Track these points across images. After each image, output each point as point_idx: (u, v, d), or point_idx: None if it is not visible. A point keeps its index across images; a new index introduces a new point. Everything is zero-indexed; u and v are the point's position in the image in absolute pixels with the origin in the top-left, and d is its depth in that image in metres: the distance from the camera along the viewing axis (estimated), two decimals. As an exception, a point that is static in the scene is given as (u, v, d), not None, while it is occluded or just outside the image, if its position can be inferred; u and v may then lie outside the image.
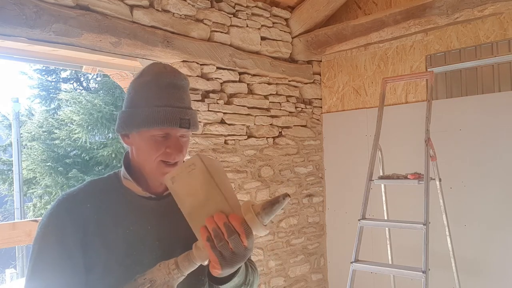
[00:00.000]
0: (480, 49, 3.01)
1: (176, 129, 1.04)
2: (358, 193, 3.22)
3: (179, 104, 1.04)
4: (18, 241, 2.62)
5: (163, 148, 1.04)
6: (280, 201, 0.87)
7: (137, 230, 1.04)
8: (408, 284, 3.13)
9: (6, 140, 11.12)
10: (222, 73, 3.10)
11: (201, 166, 0.89)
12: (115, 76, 3.12)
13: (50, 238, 0.99)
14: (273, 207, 0.88)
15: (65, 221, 1.00)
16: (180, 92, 1.06)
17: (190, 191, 0.90)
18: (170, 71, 1.07)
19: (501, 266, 2.89)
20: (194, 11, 2.88)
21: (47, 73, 10.28)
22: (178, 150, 1.04)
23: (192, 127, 1.06)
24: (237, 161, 3.20)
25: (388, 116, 3.24)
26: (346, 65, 3.76)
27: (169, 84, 1.05)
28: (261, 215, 0.88)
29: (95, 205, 1.04)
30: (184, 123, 1.03)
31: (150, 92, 1.04)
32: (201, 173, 0.89)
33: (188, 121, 1.04)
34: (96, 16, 2.34)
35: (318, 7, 3.47)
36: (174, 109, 1.03)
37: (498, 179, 2.91)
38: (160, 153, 1.04)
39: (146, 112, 1.02)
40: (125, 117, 1.07)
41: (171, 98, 1.04)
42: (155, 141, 1.04)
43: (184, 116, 1.04)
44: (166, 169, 1.04)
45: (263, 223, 0.88)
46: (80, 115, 8.84)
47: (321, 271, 3.89)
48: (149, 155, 1.04)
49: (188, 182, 0.90)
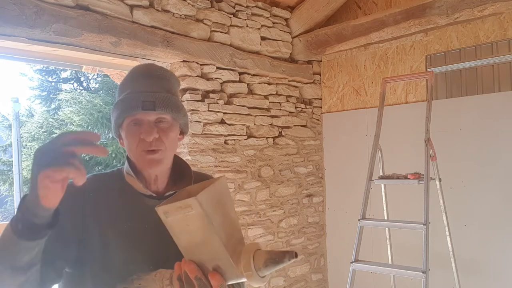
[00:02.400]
0: (480, 49, 3.01)
1: (144, 114, 1.01)
2: (358, 193, 3.22)
3: (145, 89, 1.03)
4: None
5: (138, 135, 1.02)
6: (285, 261, 0.80)
7: (135, 227, 1.03)
8: (408, 284, 3.13)
9: (6, 140, 11.13)
10: (222, 73, 3.10)
11: (199, 210, 0.80)
12: (115, 76, 3.12)
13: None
14: (276, 266, 0.80)
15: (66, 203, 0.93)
16: (151, 80, 1.05)
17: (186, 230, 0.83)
18: (145, 65, 1.08)
19: (501, 266, 2.89)
20: (194, 11, 2.88)
21: (47, 73, 10.29)
22: (148, 133, 1.01)
23: (160, 108, 1.02)
24: (237, 161, 3.20)
25: (388, 116, 3.24)
26: (346, 65, 3.76)
27: (139, 75, 1.06)
28: (261, 271, 0.81)
29: (95, 198, 1.03)
30: (147, 105, 1.00)
31: (123, 87, 1.07)
32: (199, 217, 0.81)
33: (152, 103, 1.01)
34: (96, 16, 2.34)
35: (318, 7, 3.47)
36: (137, 94, 1.02)
37: (498, 179, 2.91)
38: (137, 142, 1.02)
39: (116, 105, 1.04)
40: (111, 119, 1.10)
41: (138, 85, 1.04)
42: (131, 131, 1.03)
43: (147, 98, 1.01)
44: (147, 156, 1.02)
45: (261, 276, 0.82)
46: (80, 115, 8.85)
47: (321, 271, 3.89)
48: (131, 146, 1.04)
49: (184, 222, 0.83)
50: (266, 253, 0.81)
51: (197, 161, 2.91)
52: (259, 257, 0.81)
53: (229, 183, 3.13)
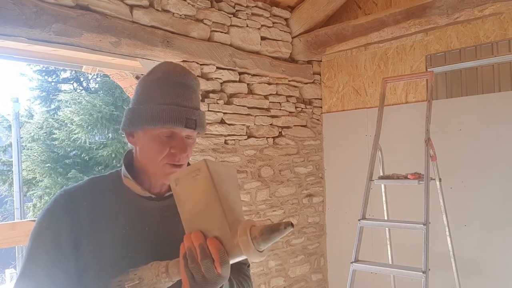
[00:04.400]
0: (480, 49, 3.01)
1: (182, 129, 1.01)
2: (358, 193, 3.22)
3: (186, 103, 1.01)
4: (18, 241, 2.62)
5: (168, 148, 1.01)
6: (281, 229, 0.80)
7: (135, 230, 1.02)
8: (408, 284, 3.13)
9: (6, 141, 11.13)
10: (222, 73, 3.10)
11: (206, 173, 0.84)
12: (115, 76, 3.12)
13: (44, 239, 0.98)
14: (272, 234, 0.80)
15: (60, 220, 0.99)
16: (188, 92, 1.03)
17: (192, 197, 0.86)
18: (180, 70, 1.04)
19: (501, 266, 2.89)
20: (194, 11, 2.88)
21: (47, 73, 10.28)
22: (182, 150, 1.02)
23: (199, 128, 1.03)
24: (237, 161, 3.20)
25: (388, 116, 3.24)
26: (346, 65, 3.76)
27: (177, 83, 1.02)
28: (257, 240, 0.80)
29: (92, 203, 1.02)
30: (190, 123, 1.00)
31: (157, 90, 1.02)
32: (205, 180, 0.84)
33: (194, 122, 1.01)
34: (96, 16, 2.34)
35: (318, 7, 3.47)
36: (181, 108, 1.00)
37: (498, 179, 2.91)
38: (164, 154, 1.01)
39: (152, 109, 0.99)
40: (130, 114, 1.04)
41: (179, 96, 1.01)
42: (160, 141, 1.01)
43: (191, 116, 1.01)
44: (170, 170, 1.02)
45: (259, 249, 0.81)
46: (80, 115, 8.84)
47: (321, 271, 3.89)
48: (154, 155, 1.02)
49: (191, 187, 0.86)
50: (263, 225, 0.84)
51: (197, 160, 2.91)
52: (256, 228, 0.82)
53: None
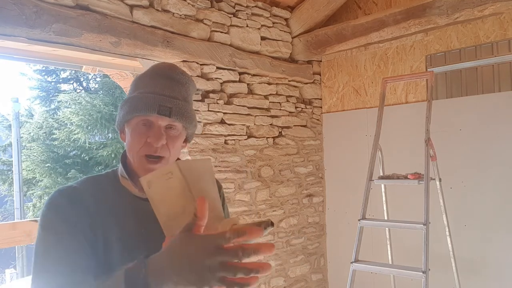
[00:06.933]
0: (480, 49, 3.01)
1: (157, 117, 0.99)
2: (358, 193, 3.22)
3: (164, 92, 1.00)
4: (18, 241, 2.62)
5: (145, 138, 0.99)
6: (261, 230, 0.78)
7: (131, 232, 1.00)
8: (408, 284, 3.13)
9: (6, 140, 11.13)
10: (222, 73, 3.09)
11: (178, 175, 0.81)
12: (115, 76, 3.12)
13: (56, 227, 0.92)
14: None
15: (68, 210, 0.94)
16: (170, 83, 1.02)
17: (166, 200, 0.84)
18: (167, 65, 1.04)
19: (501, 266, 2.89)
20: (194, 11, 2.88)
21: (47, 73, 10.28)
22: (157, 139, 0.98)
23: (175, 116, 1.00)
24: (237, 161, 3.20)
25: (388, 116, 3.24)
26: (346, 65, 3.76)
27: (160, 75, 1.02)
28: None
29: (90, 202, 0.99)
30: (164, 110, 0.98)
31: (140, 83, 1.03)
32: (179, 183, 0.81)
33: (169, 109, 0.98)
34: (96, 16, 2.34)
35: (318, 7, 3.47)
36: (156, 96, 0.98)
37: (498, 179, 2.91)
38: (141, 144, 0.99)
39: (131, 100, 1.00)
40: (118, 110, 1.05)
41: (157, 86, 1.00)
42: (137, 131, 1.00)
43: (165, 103, 0.98)
44: (148, 165, 1.00)
45: None
46: (80, 115, 8.85)
47: (321, 271, 3.89)
48: (132, 146, 1.00)
49: (164, 190, 0.83)
50: (243, 225, 0.80)
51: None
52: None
53: (229, 183, 3.13)
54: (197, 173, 0.86)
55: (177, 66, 1.07)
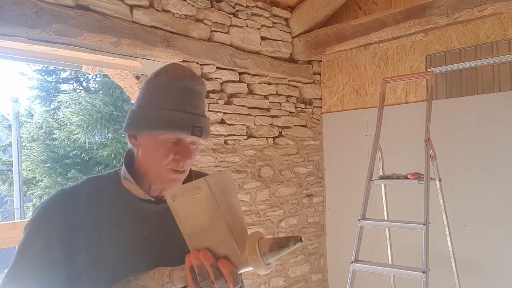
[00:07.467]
0: (480, 49, 3.01)
1: (187, 136, 1.01)
2: (358, 193, 3.22)
3: (193, 110, 1.01)
4: (18, 241, 2.61)
5: (172, 154, 1.01)
6: (290, 245, 0.80)
7: (133, 233, 1.00)
8: (408, 284, 3.13)
9: (6, 140, 11.13)
10: (222, 73, 3.10)
11: (207, 192, 0.83)
12: (115, 76, 3.12)
13: (35, 241, 0.97)
14: (281, 250, 0.81)
15: (54, 221, 0.97)
16: (195, 98, 1.03)
17: (193, 214, 0.85)
18: (188, 75, 1.03)
19: (501, 266, 2.89)
20: (194, 11, 2.88)
21: (47, 73, 10.27)
22: (187, 157, 1.01)
23: (204, 135, 1.03)
24: (237, 161, 3.20)
25: (388, 116, 3.24)
26: (346, 65, 3.76)
27: (185, 88, 1.01)
28: (266, 256, 0.81)
29: (89, 204, 1.00)
30: (196, 131, 1.00)
31: (165, 94, 1.00)
32: (207, 199, 0.83)
33: (200, 129, 1.01)
34: (96, 16, 2.34)
35: (318, 7, 3.47)
36: (188, 115, 0.99)
37: (498, 179, 2.91)
38: (169, 159, 1.01)
39: (159, 114, 0.98)
40: (135, 116, 1.03)
41: (186, 103, 1.00)
42: (165, 146, 1.00)
43: (197, 123, 1.01)
44: (174, 175, 1.02)
45: (267, 263, 0.82)
46: (80, 115, 8.83)
47: (321, 271, 3.89)
48: (158, 160, 1.01)
49: (191, 204, 0.85)
50: (271, 239, 0.83)
51: (197, 161, 2.91)
52: (264, 243, 0.82)
53: (229, 183, 3.13)
54: (223, 187, 0.87)
55: (196, 74, 1.06)
